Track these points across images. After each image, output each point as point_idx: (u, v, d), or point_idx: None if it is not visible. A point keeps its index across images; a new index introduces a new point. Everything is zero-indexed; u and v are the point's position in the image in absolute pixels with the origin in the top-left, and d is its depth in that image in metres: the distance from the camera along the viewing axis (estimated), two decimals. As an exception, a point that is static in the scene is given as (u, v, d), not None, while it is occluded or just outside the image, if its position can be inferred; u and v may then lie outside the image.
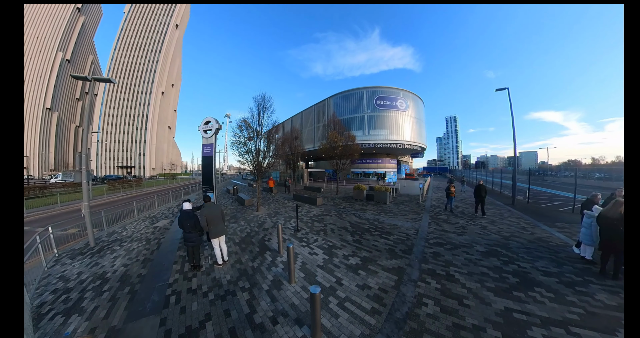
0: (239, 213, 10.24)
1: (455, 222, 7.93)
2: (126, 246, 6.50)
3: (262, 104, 10.31)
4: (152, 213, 11.23)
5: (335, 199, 13.10)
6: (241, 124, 9.93)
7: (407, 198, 13.56)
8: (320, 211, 9.73)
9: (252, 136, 10.01)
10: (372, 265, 4.50)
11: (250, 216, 9.55)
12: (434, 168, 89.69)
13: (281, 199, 13.55)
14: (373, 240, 5.92)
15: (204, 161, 6.05)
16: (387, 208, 10.22)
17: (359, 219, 8.08)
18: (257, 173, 9.94)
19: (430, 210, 9.90)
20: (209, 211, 4.71)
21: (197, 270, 4.73)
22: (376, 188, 11.37)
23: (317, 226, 7.35)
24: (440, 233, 6.63)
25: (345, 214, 8.92)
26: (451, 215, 9.05)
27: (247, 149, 9.93)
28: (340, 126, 14.67)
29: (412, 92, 25.81)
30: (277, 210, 10.40)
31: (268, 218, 8.98)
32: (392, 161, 29.21)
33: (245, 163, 10.15)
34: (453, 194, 9.47)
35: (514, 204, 12.12)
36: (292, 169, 21.28)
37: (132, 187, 24.53)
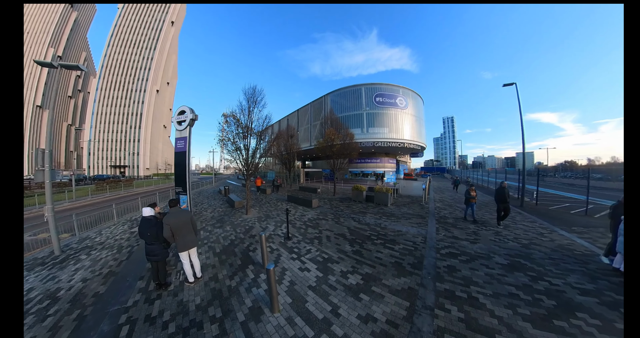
0: (227, 216, 9.36)
1: (465, 227, 7.17)
2: (94, 255, 5.68)
3: (253, 98, 9.45)
4: (133, 216, 10.28)
5: (333, 200, 12.25)
6: (229, 119, 9.04)
7: (409, 199, 12.77)
8: (316, 214, 8.87)
9: (241, 132, 9.14)
10: (376, 285, 3.66)
11: (239, 220, 8.68)
12: (431, 168, 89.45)
13: (274, 201, 12.67)
14: (376, 250, 5.08)
15: (177, 158, 5.16)
16: (389, 210, 9.40)
17: (359, 224, 7.24)
18: (246, 173, 9.06)
19: (436, 213, 9.11)
20: (174, 219, 3.84)
21: (163, 290, 3.88)
22: (376, 189, 10.57)
23: (311, 232, 6.50)
24: (451, 240, 5.84)
25: (343, 218, 8.08)
26: (459, 219, 8.26)
27: (236, 147, 9.05)
28: (338, 123, 13.87)
29: (411, 90, 24.99)
30: (268, 213, 9.53)
31: (257, 222, 8.11)
32: (391, 161, 28.44)
33: (233, 161, 9.26)
34: (474, 200, 7.83)
35: (522, 206, 11.49)
36: (288, 169, 20.39)
37: (121, 187, 23.45)
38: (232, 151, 9.16)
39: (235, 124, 9.10)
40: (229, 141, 9.15)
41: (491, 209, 9.89)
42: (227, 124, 9.20)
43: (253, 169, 9.24)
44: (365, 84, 23.87)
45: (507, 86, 13.20)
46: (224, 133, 9.02)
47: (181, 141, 4.97)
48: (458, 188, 18.07)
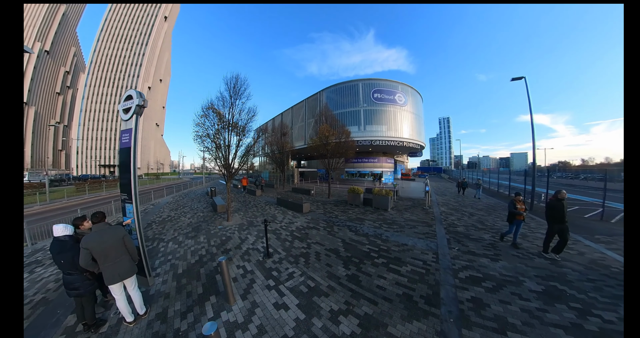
0: (205, 223, 8.19)
1: (478, 237, 6.16)
2: (37, 273, 4.59)
3: (235, 88, 8.29)
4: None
5: (327, 204, 11.13)
6: (207, 111, 7.85)
7: (410, 202, 11.73)
8: (306, 221, 7.74)
9: (222, 127, 7.97)
10: (379, 335, 2.56)
11: (217, 227, 7.53)
12: (428, 168, 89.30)
13: (262, 204, 11.50)
14: (377, 274, 3.98)
15: (121, 156, 3.98)
16: (389, 216, 8.32)
17: (355, 235, 6.12)
18: (226, 175, 7.89)
19: (442, 219, 8.08)
20: (96, 241, 2.70)
21: (92, 332, 2.80)
22: (375, 192, 9.49)
23: (297, 247, 5.35)
24: (468, 257, 4.79)
25: (337, 226, 6.96)
26: (470, 226, 7.24)
27: (216, 144, 7.87)
28: (333, 119, 12.76)
29: (411, 86, 23.91)
30: (252, 219, 8.37)
31: (238, 231, 6.96)
32: (389, 161, 27.39)
33: (211, 160, 8.09)
34: (522, 217, 5.32)
35: (532, 210, 10.61)
36: (280, 169, 19.20)
37: (102, 188, 21.95)
38: (211, 149, 7.99)
39: (216, 118, 7.93)
40: (207, 138, 7.98)
41: (501, 215, 8.92)
42: (206, 117, 8.01)
43: (235, 170, 8.08)
44: (363, 80, 22.66)
45: (515, 81, 12.27)
46: (201, 128, 7.81)
47: (126, 135, 3.79)
48: (465, 191, 16.24)
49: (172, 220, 9.17)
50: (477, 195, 13.72)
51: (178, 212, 10.78)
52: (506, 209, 10.15)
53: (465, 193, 16.12)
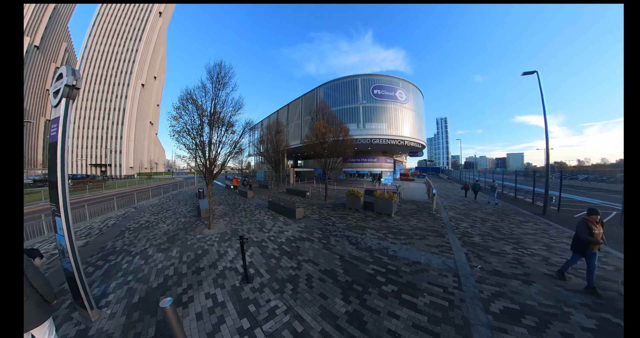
0: (183, 231, 7.17)
1: (499, 250, 5.28)
2: None
3: (219, 76, 7.28)
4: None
5: (323, 207, 10.13)
6: (184, 102, 6.81)
7: (414, 206, 10.79)
8: (299, 230, 6.74)
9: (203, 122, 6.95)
10: None
11: (196, 237, 6.51)
12: (426, 168, 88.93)
13: (252, 208, 10.46)
14: (387, 310, 3.00)
15: (50, 152, 2.95)
16: (394, 223, 7.36)
17: (356, 249, 5.13)
18: (206, 175, 6.87)
19: (453, 227, 7.15)
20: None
21: None
22: (377, 195, 8.52)
23: (284, 267, 4.35)
24: (495, 280, 3.88)
25: (334, 237, 5.96)
26: (486, 236, 6.32)
27: (198, 141, 6.84)
28: (331, 115, 11.76)
29: (412, 83, 22.94)
30: (238, 227, 7.35)
31: (218, 243, 5.95)
32: (389, 160, 26.41)
33: (190, 159, 7.07)
34: (598, 247, 3.63)
35: (545, 213, 9.65)
36: (275, 168, 18.15)
37: (86, 190, 20.67)
38: (190, 147, 6.96)
39: (196, 111, 6.90)
40: (186, 133, 6.94)
41: (515, 220, 8.03)
42: (184, 110, 6.97)
43: (218, 170, 7.07)
44: (362, 75, 21.43)
45: (527, 75, 11.49)
46: (178, 122, 6.77)
47: (54, 126, 2.74)
48: (477, 196, 13.62)
49: (149, 227, 8.14)
50: (491, 200, 11.68)
51: (159, 217, 9.73)
52: (520, 214, 9.34)
53: (477, 198, 13.37)
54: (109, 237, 7.21)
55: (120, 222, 9.18)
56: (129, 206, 13.26)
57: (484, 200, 12.94)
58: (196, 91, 7.15)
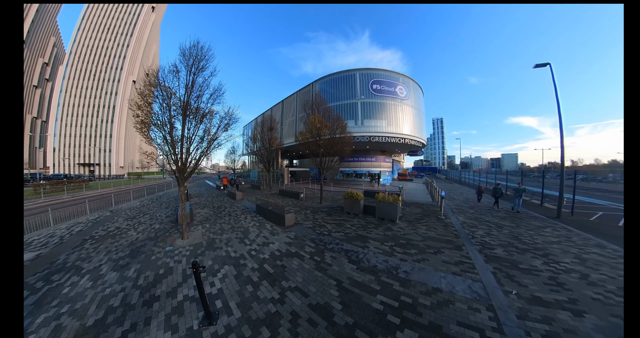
0: (152, 241, 6.06)
1: (529, 266, 4.42)
2: None
3: (196, 59, 6.18)
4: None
5: (318, 212, 9.04)
6: (152, 89, 5.67)
7: (419, 209, 9.79)
8: (287, 241, 5.63)
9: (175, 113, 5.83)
10: None
11: (165, 249, 5.41)
12: (423, 168, 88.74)
13: (238, 212, 9.31)
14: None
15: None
16: (400, 232, 6.32)
17: (358, 270, 4.03)
18: (178, 175, 5.74)
19: (469, 235, 6.17)
20: None
21: None
22: (379, 198, 7.47)
23: (263, 299, 3.24)
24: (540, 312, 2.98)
25: (330, 252, 4.87)
26: (509, 246, 5.38)
27: (166, 134, 5.72)
28: (327, 109, 10.67)
29: (412, 79, 22.00)
30: (217, 236, 6.22)
31: (187, 258, 4.84)
32: (387, 159, 25.40)
33: (160, 156, 5.96)
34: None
35: (559, 217, 8.85)
36: (267, 168, 16.99)
37: (64, 191, 19.20)
38: (162, 144, 5.83)
39: (165, 100, 5.77)
40: (153, 126, 5.81)
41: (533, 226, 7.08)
42: (150, 97, 5.83)
43: (191, 169, 5.95)
44: (360, 69, 20.35)
45: (539, 67, 10.66)
46: (142, 112, 5.62)
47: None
48: (499, 203, 10.70)
49: (116, 235, 7.00)
50: (515, 207, 9.54)
51: (132, 222, 8.56)
52: (534, 218, 8.14)
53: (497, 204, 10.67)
54: (66, 248, 6.12)
55: (88, 229, 8.02)
56: (106, 209, 12.03)
57: (505, 207, 10.55)
58: (168, 76, 6.04)
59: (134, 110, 5.74)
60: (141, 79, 5.74)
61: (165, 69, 5.79)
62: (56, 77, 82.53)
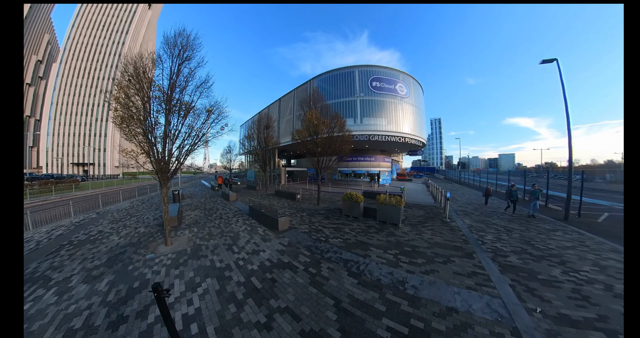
0: (133, 248, 5.54)
1: (549, 276, 4.06)
2: None
3: (182, 49, 5.67)
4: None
5: (315, 214, 8.51)
6: (131, 78, 5.12)
7: (421, 211, 9.31)
8: (280, 249, 5.09)
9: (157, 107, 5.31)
10: None
11: (145, 258, 4.88)
12: (421, 168, 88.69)
13: (230, 215, 8.75)
14: None
15: None
16: (404, 237, 5.82)
17: (359, 285, 3.48)
18: (160, 176, 5.20)
19: (478, 241, 5.70)
20: None
21: None
22: (380, 200, 6.96)
23: (246, 323, 2.70)
24: (570, 334, 2.49)
25: (327, 262, 4.34)
26: (523, 253, 4.93)
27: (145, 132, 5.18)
28: (325, 106, 10.10)
29: (412, 77, 21.64)
30: (204, 242, 5.67)
31: (167, 268, 4.31)
32: (387, 159, 24.91)
33: (137, 155, 5.42)
34: None
35: (567, 219, 8.52)
36: (262, 168, 16.43)
37: (52, 191, 18.51)
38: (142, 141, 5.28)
39: (145, 91, 5.22)
40: (131, 122, 5.26)
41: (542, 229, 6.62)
42: (130, 89, 5.28)
43: (173, 170, 5.40)
44: (360, 66, 19.84)
45: (547, 63, 10.28)
46: (120, 106, 5.07)
47: None
48: (515, 207, 9.37)
49: (96, 240, 6.46)
50: (531, 211, 8.43)
51: (117, 226, 8.00)
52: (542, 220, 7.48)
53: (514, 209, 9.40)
54: (40, 255, 5.63)
55: (69, 232, 7.46)
56: (92, 211, 11.43)
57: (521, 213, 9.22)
58: (150, 66, 5.51)
59: (111, 103, 5.20)
60: (120, 68, 5.20)
61: (147, 58, 5.25)
62: (49, 75, 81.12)
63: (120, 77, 5.12)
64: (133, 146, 5.63)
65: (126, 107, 5.09)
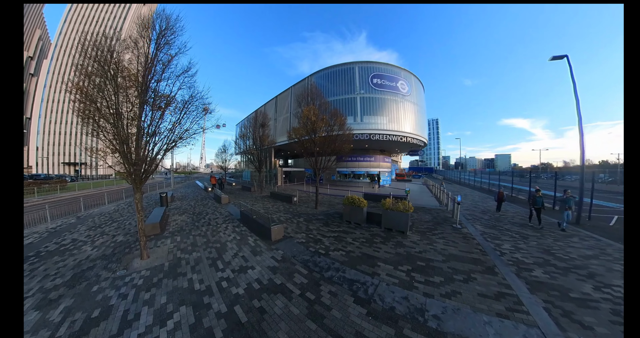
0: (103, 262, 4.80)
1: (581, 293, 3.55)
2: None
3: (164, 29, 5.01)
4: None
5: (312, 220, 7.81)
6: (101, 61, 4.41)
7: (428, 215, 8.66)
8: (272, 264, 4.37)
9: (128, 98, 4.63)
10: None
11: (115, 275, 4.18)
12: (419, 168, 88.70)
13: (220, 221, 7.99)
14: None
15: None
16: (414, 248, 5.15)
17: (369, 317, 2.75)
18: (134, 178, 4.49)
19: (496, 250, 5.08)
20: None
21: None
22: (386, 205, 6.25)
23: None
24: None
25: (328, 283, 3.62)
26: (546, 266, 4.34)
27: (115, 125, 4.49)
28: (324, 102, 9.39)
29: (413, 74, 21.00)
30: (185, 255, 4.94)
31: (137, 290, 3.60)
32: (387, 159, 24.24)
33: (105, 155, 4.72)
34: None
35: (579, 223, 8.07)
36: (257, 168, 15.67)
37: (34, 193, 17.51)
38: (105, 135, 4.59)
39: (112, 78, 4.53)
40: (96, 114, 4.56)
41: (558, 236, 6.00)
42: (98, 77, 4.58)
43: (147, 171, 4.69)
44: (360, 62, 19.05)
45: (557, 59, 9.83)
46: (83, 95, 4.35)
47: None
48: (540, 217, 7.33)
49: (66, 251, 5.73)
50: (562, 224, 7.00)
51: (94, 233, 7.24)
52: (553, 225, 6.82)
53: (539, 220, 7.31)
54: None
55: (39, 241, 6.71)
56: (73, 215, 10.61)
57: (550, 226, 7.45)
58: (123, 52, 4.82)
59: (73, 93, 4.48)
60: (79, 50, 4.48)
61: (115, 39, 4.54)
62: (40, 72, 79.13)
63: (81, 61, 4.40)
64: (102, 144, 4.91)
65: (90, 98, 4.37)
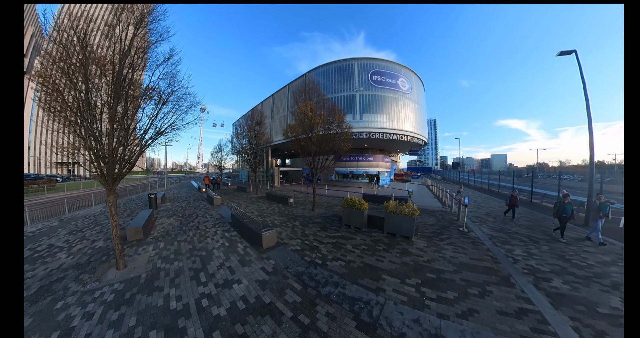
0: (75, 272, 4.30)
1: (609, 307, 3.21)
2: None
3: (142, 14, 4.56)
4: None
5: (309, 224, 7.32)
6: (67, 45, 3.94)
7: (432, 217, 8.21)
8: (260, 279, 3.82)
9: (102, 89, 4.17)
10: None
11: (87, 286, 3.66)
12: (417, 168, 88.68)
13: (210, 225, 7.44)
14: None
15: None
16: (421, 256, 4.68)
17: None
18: (107, 180, 4.00)
19: (508, 258, 4.66)
20: None
21: None
22: (389, 209, 5.74)
23: None
24: None
25: (325, 302, 3.11)
26: (565, 274, 3.93)
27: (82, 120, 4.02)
28: (322, 98, 8.88)
29: (413, 72, 20.58)
30: (165, 265, 4.43)
31: (106, 307, 3.10)
32: (386, 159, 23.74)
33: (76, 153, 4.24)
34: None
35: (588, 224, 7.66)
36: (253, 168, 15.14)
37: (21, 191, 16.77)
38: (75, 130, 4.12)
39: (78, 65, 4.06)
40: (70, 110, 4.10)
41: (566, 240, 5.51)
42: (66, 64, 4.10)
43: (122, 170, 4.20)
44: (359, 59, 18.47)
45: (565, 55, 9.46)
46: (50, 85, 3.86)
47: None
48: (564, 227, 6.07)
49: (38, 259, 5.23)
50: (598, 237, 5.69)
51: (74, 238, 6.71)
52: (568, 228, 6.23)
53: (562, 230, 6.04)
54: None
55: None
56: (56, 217, 10.01)
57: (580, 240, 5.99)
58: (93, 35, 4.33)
59: (39, 83, 3.99)
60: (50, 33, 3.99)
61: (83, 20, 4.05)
62: (32, 70, 77.41)
63: (50, 46, 3.92)
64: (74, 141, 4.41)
65: (57, 89, 3.87)
